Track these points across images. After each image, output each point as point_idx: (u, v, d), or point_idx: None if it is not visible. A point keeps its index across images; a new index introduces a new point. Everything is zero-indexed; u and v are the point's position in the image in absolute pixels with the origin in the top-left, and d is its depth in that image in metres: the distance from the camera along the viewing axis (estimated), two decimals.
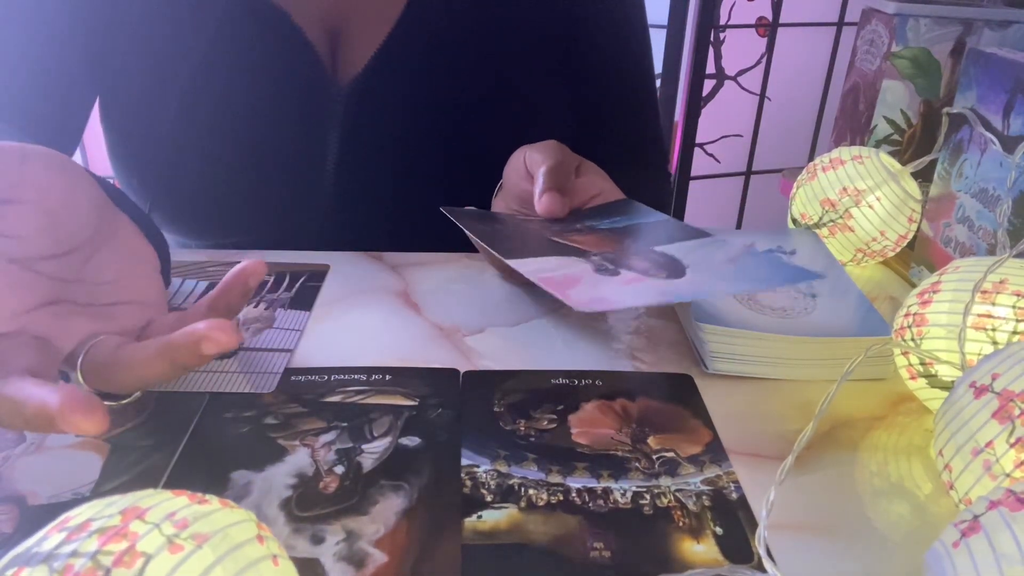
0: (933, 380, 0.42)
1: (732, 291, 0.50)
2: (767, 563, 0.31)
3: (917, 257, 0.61)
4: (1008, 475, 0.32)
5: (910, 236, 0.61)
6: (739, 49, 1.73)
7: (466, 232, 0.53)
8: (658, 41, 1.56)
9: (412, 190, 0.67)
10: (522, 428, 0.41)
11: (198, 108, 0.64)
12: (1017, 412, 0.32)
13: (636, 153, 0.77)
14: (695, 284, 0.45)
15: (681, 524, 0.35)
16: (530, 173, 0.55)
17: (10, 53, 0.62)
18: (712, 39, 1.66)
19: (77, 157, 0.92)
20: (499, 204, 0.60)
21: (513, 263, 0.47)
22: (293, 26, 0.63)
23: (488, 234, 0.53)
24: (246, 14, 0.62)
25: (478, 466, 0.38)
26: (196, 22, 0.62)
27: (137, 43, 0.63)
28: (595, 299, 0.43)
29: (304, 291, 0.54)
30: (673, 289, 0.44)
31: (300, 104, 0.65)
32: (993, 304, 0.40)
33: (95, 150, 1.47)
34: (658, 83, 1.58)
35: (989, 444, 0.32)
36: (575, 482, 0.37)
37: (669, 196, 0.81)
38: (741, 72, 1.76)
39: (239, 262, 0.39)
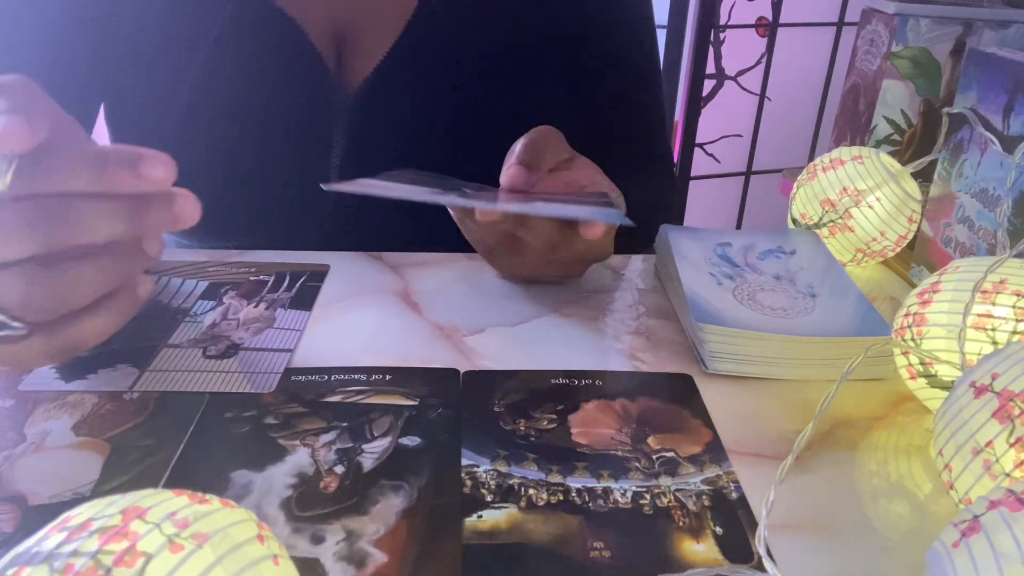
0: (933, 380, 0.42)
1: (523, 210, 0.47)
2: (767, 563, 0.31)
3: (917, 257, 0.61)
4: (1008, 475, 0.32)
5: (910, 236, 0.61)
6: (739, 49, 1.73)
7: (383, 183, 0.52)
8: (658, 41, 1.56)
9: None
10: (522, 428, 0.41)
11: (203, 113, 0.64)
12: (1017, 412, 0.32)
13: (642, 153, 0.76)
14: (499, 204, 0.46)
15: (681, 524, 0.35)
16: None
17: (14, 61, 0.62)
18: (712, 39, 1.66)
19: None
20: None
21: (378, 181, 0.49)
22: (299, 32, 0.63)
23: (403, 178, 0.53)
24: (252, 19, 0.62)
25: (478, 466, 0.38)
26: (202, 27, 0.62)
27: (142, 49, 0.63)
28: (371, 188, 0.46)
29: (304, 291, 0.54)
30: (453, 198, 0.47)
31: (305, 110, 0.65)
32: (993, 304, 0.40)
33: None
34: None
35: (989, 444, 0.32)
36: (575, 482, 0.37)
37: (673, 195, 0.81)
38: (741, 72, 1.76)
39: (239, 262, 0.38)
